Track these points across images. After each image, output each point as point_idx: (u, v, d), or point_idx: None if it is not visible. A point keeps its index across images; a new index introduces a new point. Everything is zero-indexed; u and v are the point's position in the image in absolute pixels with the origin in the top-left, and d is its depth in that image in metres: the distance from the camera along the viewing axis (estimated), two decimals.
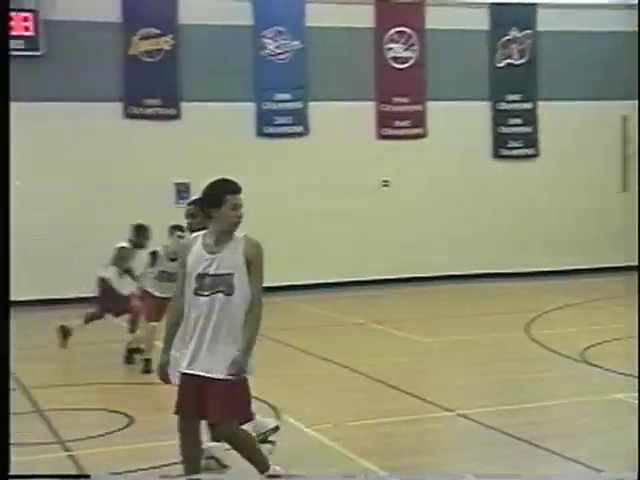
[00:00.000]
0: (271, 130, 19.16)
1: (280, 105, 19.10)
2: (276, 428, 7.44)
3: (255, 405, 9.14)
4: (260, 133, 19.13)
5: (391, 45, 19.86)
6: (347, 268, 19.33)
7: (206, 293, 5.78)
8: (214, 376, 5.79)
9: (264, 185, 18.41)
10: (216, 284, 5.78)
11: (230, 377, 5.78)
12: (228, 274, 5.78)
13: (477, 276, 19.75)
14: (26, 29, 17.32)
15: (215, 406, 5.82)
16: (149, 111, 18.37)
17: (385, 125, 19.91)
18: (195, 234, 6.06)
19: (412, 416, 8.72)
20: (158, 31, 18.34)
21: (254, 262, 5.83)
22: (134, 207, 17.86)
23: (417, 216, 19.83)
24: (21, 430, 8.56)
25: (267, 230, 11.66)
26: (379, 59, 19.82)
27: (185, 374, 5.90)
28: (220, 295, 5.77)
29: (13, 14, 17.09)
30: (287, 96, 19.14)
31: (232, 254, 5.82)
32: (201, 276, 5.80)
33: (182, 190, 18.55)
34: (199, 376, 5.83)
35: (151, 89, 18.31)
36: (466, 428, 8.29)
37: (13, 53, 17.18)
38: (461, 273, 19.84)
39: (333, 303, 17.23)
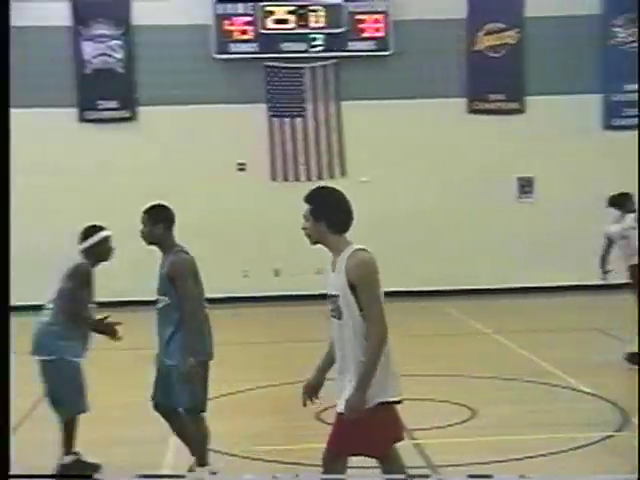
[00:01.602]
0: (620, 122, 18.49)
1: (629, 96, 18.38)
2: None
3: (600, 405, 9.00)
4: (607, 126, 18.53)
5: None
6: None
7: None
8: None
9: (612, 180, 17.82)
10: None
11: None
12: None
13: None
14: (377, 30, 17.97)
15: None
16: (492, 106, 18.41)
17: None
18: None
19: None
20: (503, 25, 18.32)
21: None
22: (476, 201, 18.05)
23: None
24: None
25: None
26: None
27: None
28: None
29: (365, 17, 17.86)
30: (637, 87, 18.38)
31: None
32: None
33: (524, 185, 18.44)
34: None
35: (495, 84, 18.33)
36: None
37: (364, 54, 17.97)
38: None
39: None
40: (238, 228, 17.81)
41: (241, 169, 18.15)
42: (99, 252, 7.25)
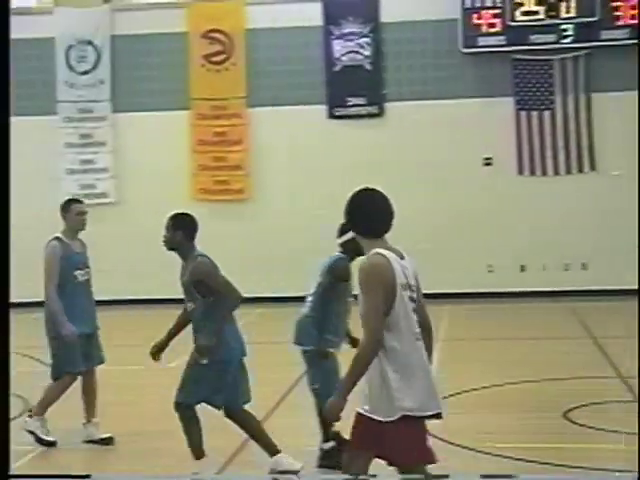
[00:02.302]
0: None
1: None
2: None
3: None
4: None
5: None
6: None
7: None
8: None
9: None
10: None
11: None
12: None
13: None
14: (632, 17, 17.24)
15: None
16: None
17: None
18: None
19: None
20: None
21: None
22: None
23: None
24: (601, 419, 8.65)
25: None
26: None
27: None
28: None
29: (620, 4, 17.19)
30: None
31: None
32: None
33: None
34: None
35: None
36: None
37: (614, 43, 17.29)
38: None
39: None
40: (484, 222, 17.68)
41: (488, 164, 18.00)
42: (356, 246, 7.45)
